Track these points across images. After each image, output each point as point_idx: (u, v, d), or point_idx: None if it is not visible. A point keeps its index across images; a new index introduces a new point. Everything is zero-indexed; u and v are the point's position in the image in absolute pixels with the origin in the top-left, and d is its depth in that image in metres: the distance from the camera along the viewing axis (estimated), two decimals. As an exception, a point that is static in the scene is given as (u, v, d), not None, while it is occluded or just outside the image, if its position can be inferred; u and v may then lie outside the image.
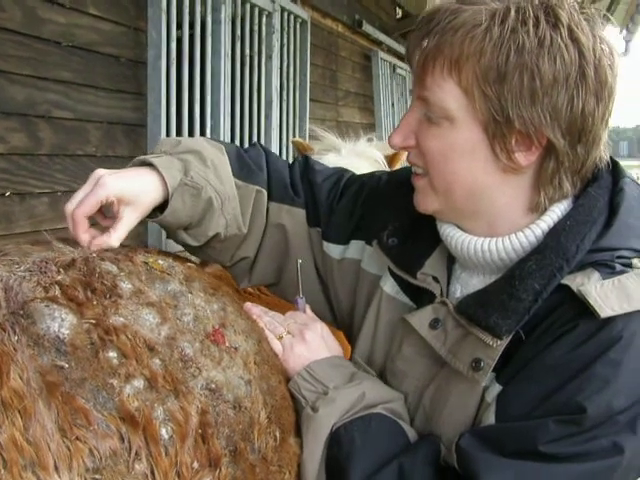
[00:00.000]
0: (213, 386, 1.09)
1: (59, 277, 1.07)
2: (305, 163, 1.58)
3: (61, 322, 0.99)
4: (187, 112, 3.41)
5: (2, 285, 1.02)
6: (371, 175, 1.57)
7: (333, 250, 1.49)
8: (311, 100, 5.12)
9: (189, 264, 1.34)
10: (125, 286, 1.13)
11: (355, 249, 1.48)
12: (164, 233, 1.45)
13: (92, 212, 1.23)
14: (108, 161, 2.93)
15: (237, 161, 1.44)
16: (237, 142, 3.86)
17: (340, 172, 1.59)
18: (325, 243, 1.50)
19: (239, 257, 1.50)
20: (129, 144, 3.11)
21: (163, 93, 3.20)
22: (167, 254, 1.34)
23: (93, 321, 1.02)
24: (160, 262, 1.25)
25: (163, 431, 0.98)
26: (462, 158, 1.17)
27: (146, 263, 1.22)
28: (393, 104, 7.09)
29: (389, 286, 1.37)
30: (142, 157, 1.32)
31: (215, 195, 1.34)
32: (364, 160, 2.50)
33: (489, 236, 1.22)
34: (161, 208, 1.31)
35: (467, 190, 1.20)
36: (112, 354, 1.00)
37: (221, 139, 3.50)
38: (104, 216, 1.29)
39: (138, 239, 3.02)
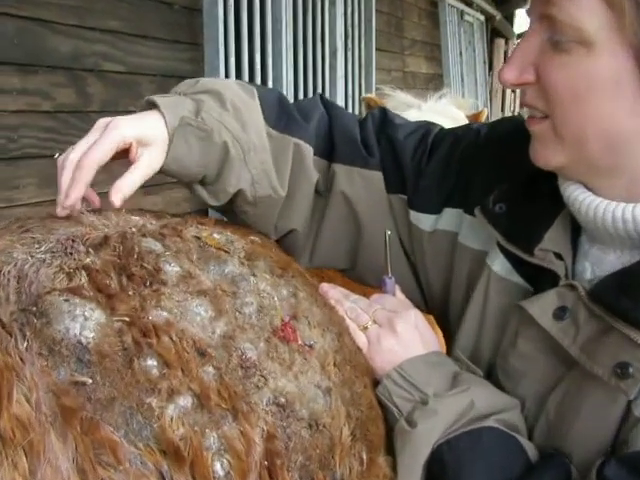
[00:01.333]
0: (283, 400, 0.85)
1: (87, 260, 0.85)
2: (382, 116, 1.30)
3: (84, 321, 0.75)
4: (247, 63, 3.24)
5: (15, 272, 0.79)
6: (467, 128, 1.27)
7: (423, 221, 1.22)
8: (376, 49, 4.86)
9: (252, 237, 1.09)
10: (171, 269, 0.89)
11: (450, 219, 1.20)
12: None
13: (105, 160, 1.00)
14: None
15: (275, 108, 1.18)
16: (301, 95, 3.68)
17: (426, 126, 1.30)
18: (412, 212, 1.23)
19: (285, 229, 1.23)
20: None
21: (221, 42, 3.01)
22: (225, 225, 1.09)
23: (127, 318, 0.79)
24: (216, 236, 1.01)
25: (217, 466, 0.75)
26: (601, 96, 0.90)
27: (198, 238, 0.98)
28: (461, 53, 6.76)
29: (498, 264, 1.10)
30: (149, 97, 1.09)
31: (232, 141, 1.09)
32: (448, 119, 2.21)
33: (629, 200, 0.95)
34: None
35: (605, 138, 0.92)
36: (151, 362, 0.76)
37: (284, 91, 3.26)
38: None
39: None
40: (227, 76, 3.03)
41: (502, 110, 9.08)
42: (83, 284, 0.80)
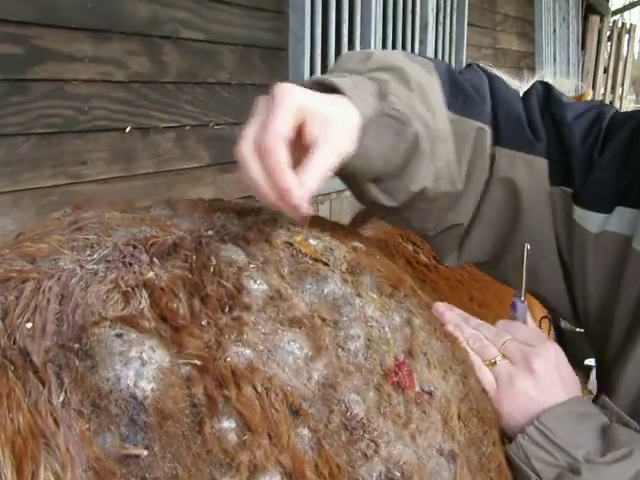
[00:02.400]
0: (398, 475, 0.64)
1: (150, 274, 0.65)
2: (547, 92, 1.06)
3: (141, 367, 0.56)
4: (334, 34, 3.09)
5: (58, 289, 0.60)
6: None
7: (590, 220, 0.98)
8: (467, 24, 4.61)
9: (354, 243, 0.88)
10: (256, 288, 0.69)
11: (622, 219, 0.96)
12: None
13: (289, 134, 0.73)
14: (244, 90, 2.61)
15: (450, 85, 0.97)
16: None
17: (599, 107, 1.06)
18: (577, 209, 0.99)
19: (448, 224, 1.03)
20: (267, 70, 2.80)
21: (307, 12, 2.86)
22: (323, 225, 0.88)
23: (198, 361, 0.58)
24: (312, 242, 0.80)
25: None
26: None
27: (290, 244, 0.78)
28: (555, 30, 6.35)
29: None
30: (315, 77, 0.86)
31: (424, 131, 0.89)
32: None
33: None
34: None
35: None
36: (228, 425, 0.57)
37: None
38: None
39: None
40: (313, 47, 2.89)
41: (593, 91, 8.59)
42: (142, 309, 0.61)
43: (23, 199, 1.92)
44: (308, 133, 0.75)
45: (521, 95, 1.06)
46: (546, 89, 1.06)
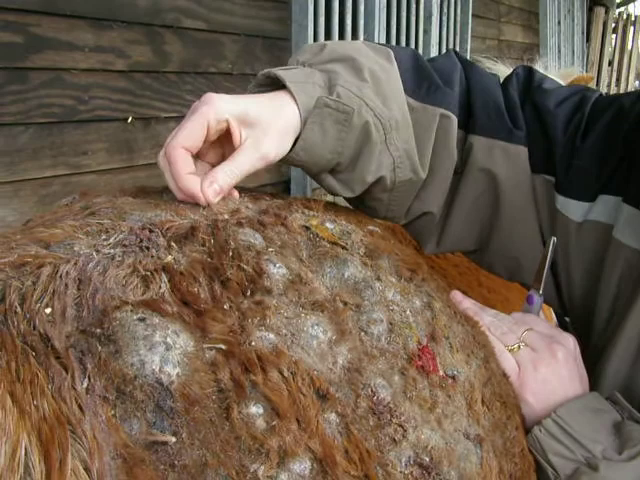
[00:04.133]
0: (427, 459, 0.62)
1: (169, 258, 0.64)
2: (528, 77, 1.04)
3: (166, 351, 0.54)
4: (337, 24, 3.02)
5: (76, 273, 0.59)
6: (637, 96, 0.99)
7: (572, 209, 0.97)
8: (472, 15, 4.54)
9: (371, 227, 0.86)
10: (276, 271, 0.68)
11: (604, 208, 0.95)
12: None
13: (195, 143, 0.78)
14: (246, 80, 2.56)
15: (413, 72, 0.95)
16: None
17: (582, 91, 1.04)
18: (560, 198, 0.98)
19: (418, 212, 1.01)
20: (270, 60, 2.73)
21: (310, 1, 2.77)
22: (338, 210, 0.87)
23: (223, 345, 0.57)
24: (329, 226, 0.79)
25: None
26: None
27: (307, 228, 0.77)
28: (559, 22, 6.29)
29: None
30: (267, 70, 0.87)
31: (375, 121, 0.87)
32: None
33: None
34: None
35: None
36: (255, 410, 0.55)
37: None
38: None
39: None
40: (316, 37, 2.82)
41: (597, 84, 8.53)
42: (163, 293, 0.59)
43: (23, 190, 1.88)
44: (233, 138, 0.79)
45: (502, 81, 1.04)
46: (527, 74, 1.04)
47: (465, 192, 1.00)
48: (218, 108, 0.78)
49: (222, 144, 0.83)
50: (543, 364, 0.84)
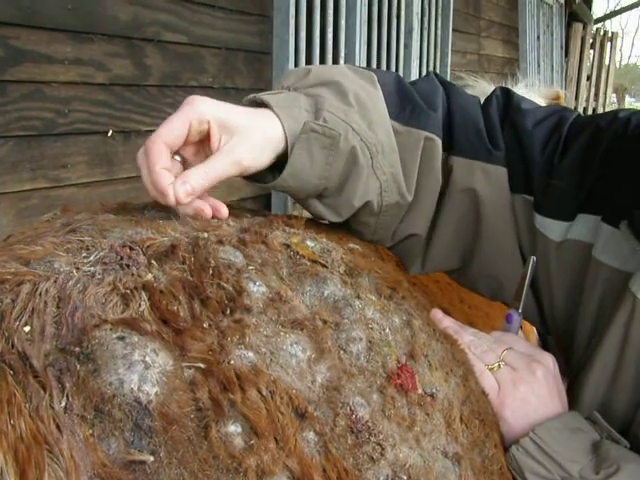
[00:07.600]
0: (405, 478, 0.63)
1: (148, 276, 0.64)
2: (507, 99, 1.06)
3: (144, 370, 0.54)
4: (319, 38, 3.06)
5: (55, 291, 0.58)
6: (612, 117, 0.99)
7: (551, 228, 0.98)
8: (452, 30, 4.59)
9: (351, 244, 0.87)
10: (256, 289, 0.68)
11: (584, 227, 0.96)
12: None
13: (176, 140, 0.79)
14: (227, 94, 2.59)
15: (397, 96, 0.96)
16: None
17: (560, 112, 1.05)
18: (539, 217, 0.99)
19: (404, 234, 1.02)
20: (251, 74, 2.75)
21: (291, 15, 2.82)
22: (319, 227, 0.88)
23: (202, 364, 0.57)
24: (309, 244, 0.79)
25: None
26: None
27: (288, 246, 0.77)
28: (538, 36, 6.39)
29: None
30: (252, 95, 0.88)
31: (361, 145, 0.88)
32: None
33: None
34: (280, 167, 0.85)
35: None
36: (234, 429, 0.55)
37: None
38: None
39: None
40: (297, 51, 2.85)
41: (576, 98, 8.63)
42: (143, 312, 0.59)
43: (1, 203, 1.88)
44: (211, 141, 0.80)
45: (482, 102, 1.05)
46: (506, 96, 1.05)
47: (448, 213, 1.01)
48: (202, 109, 0.79)
49: (206, 151, 0.83)
50: (523, 383, 0.85)
